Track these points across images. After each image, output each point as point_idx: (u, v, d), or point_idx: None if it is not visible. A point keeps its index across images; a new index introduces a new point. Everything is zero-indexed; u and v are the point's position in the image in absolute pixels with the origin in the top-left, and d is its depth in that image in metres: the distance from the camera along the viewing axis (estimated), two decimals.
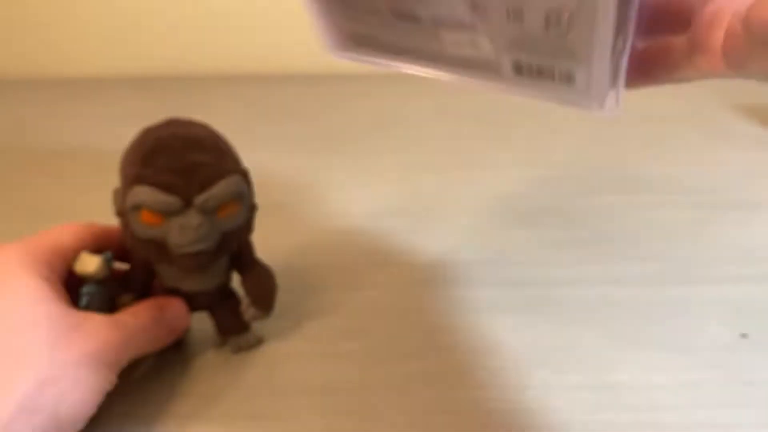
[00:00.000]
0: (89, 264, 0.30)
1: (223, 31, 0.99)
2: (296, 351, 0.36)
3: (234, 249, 0.32)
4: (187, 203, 0.29)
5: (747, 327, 0.36)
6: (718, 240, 0.46)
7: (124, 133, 0.67)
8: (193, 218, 0.29)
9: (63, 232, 0.31)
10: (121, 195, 0.30)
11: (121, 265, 0.34)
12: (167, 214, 0.29)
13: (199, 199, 0.29)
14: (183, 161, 0.29)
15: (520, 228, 0.49)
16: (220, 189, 0.29)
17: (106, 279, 0.31)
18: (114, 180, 0.63)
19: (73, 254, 0.31)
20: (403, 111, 0.79)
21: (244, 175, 0.31)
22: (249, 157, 0.68)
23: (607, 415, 0.30)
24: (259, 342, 0.36)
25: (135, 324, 0.30)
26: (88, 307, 0.30)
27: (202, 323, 0.35)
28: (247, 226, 0.32)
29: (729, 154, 0.62)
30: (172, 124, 0.31)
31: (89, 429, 0.28)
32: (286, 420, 0.31)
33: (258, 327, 0.36)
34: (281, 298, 0.36)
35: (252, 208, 0.32)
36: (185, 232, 0.29)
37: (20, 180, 0.61)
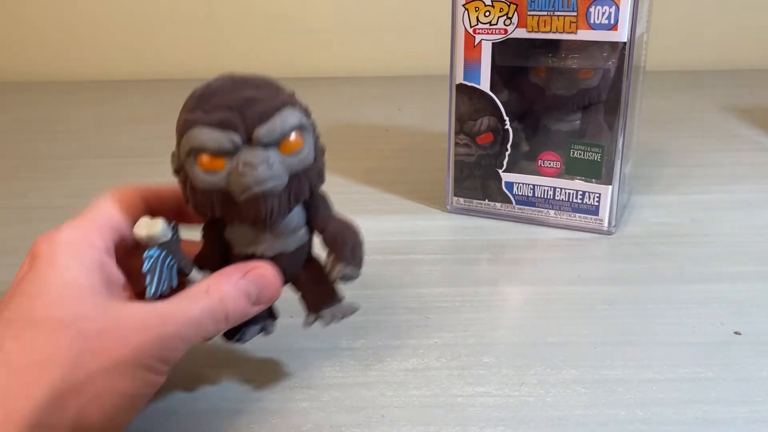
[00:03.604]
0: (149, 227, 0.27)
1: (223, 35, 0.99)
2: (298, 347, 0.36)
3: (306, 197, 0.29)
4: (247, 139, 0.26)
5: (741, 325, 0.37)
6: (713, 238, 0.47)
7: (127, 134, 0.68)
8: (255, 154, 0.26)
9: (112, 204, 0.29)
10: (176, 150, 0.28)
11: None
12: (227, 153, 0.26)
13: (259, 131, 0.26)
14: (237, 97, 0.27)
15: (517, 225, 0.49)
16: (279, 119, 0.27)
17: (172, 246, 0.28)
18: (116, 183, 0.63)
19: (131, 222, 0.29)
20: (402, 112, 0.80)
21: (305, 110, 0.29)
22: None
23: (602, 410, 0.31)
24: (354, 310, 0.32)
25: (193, 312, 0.26)
26: (151, 271, 0.27)
27: None
28: (316, 170, 0.29)
29: (723, 154, 0.63)
30: (224, 75, 0.28)
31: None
32: (288, 415, 0.31)
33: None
34: (284, 295, 0.36)
35: (320, 150, 0.29)
36: (248, 170, 0.26)
37: (24, 181, 0.61)
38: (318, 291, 0.32)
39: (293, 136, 0.27)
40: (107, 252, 0.27)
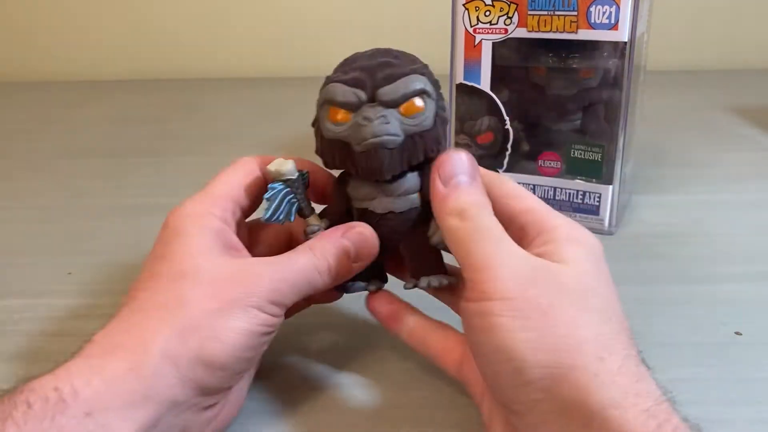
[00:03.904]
0: (279, 164, 0.31)
1: (223, 35, 0.99)
2: (300, 348, 0.36)
3: (419, 160, 0.30)
4: (371, 98, 0.29)
5: (741, 325, 0.37)
6: (713, 238, 0.47)
7: (126, 134, 0.68)
8: (375, 110, 0.29)
9: (232, 176, 0.32)
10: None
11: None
12: (352, 108, 0.29)
13: (382, 90, 0.29)
14: (373, 62, 0.30)
15: None
16: (403, 83, 0.29)
17: (296, 186, 0.31)
18: (116, 182, 0.63)
19: (253, 192, 0.32)
20: None
21: (434, 81, 0.31)
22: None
23: None
24: (450, 281, 0.32)
25: (299, 262, 0.29)
26: (271, 200, 0.30)
27: None
28: (433, 136, 0.30)
29: (724, 154, 0.63)
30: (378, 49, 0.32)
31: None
32: (288, 415, 0.31)
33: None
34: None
35: (442, 119, 0.31)
36: (366, 123, 0.29)
37: (24, 181, 0.61)
38: (420, 257, 0.32)
39: (415, 99, 0.29)
40: (224, 220, 0.30)
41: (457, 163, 0.28)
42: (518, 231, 0.28)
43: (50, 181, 0.60)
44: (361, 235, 0.31)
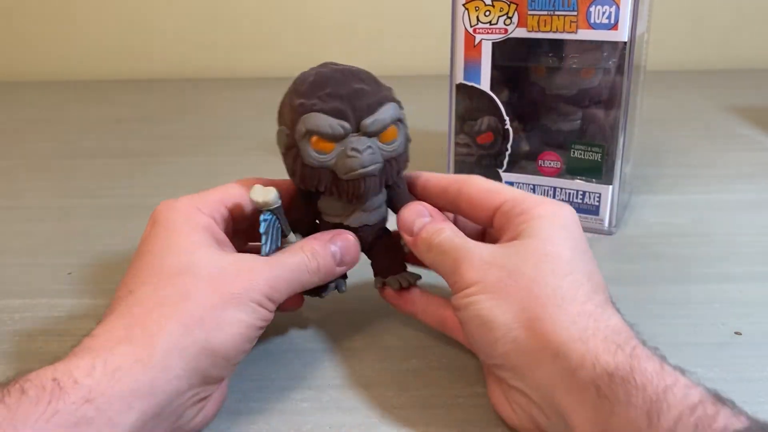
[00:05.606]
0: (265, 194, 0.32)
1: (223, 35, 0.99)
2: (300, 348, 0.36)
3: (394, 180, 0.33)
4: (356, 128, 0.31)
5: (741, 325, 0.37)
6: (713, 238, 0.47)
7: (127, 134, 0.67)
8: (361, 142, 0.31)
9: (230, 185, 0.34)
10: (288, 129, 0.32)
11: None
12: (336, 139, 0.30)
13: (366, 122, 0.30)
14: (347, 89, 0.31)
15: None
16: (385, 113, 0.31)
17: (279, 211, 0.32)
18: (116, 182, 0.63)
19: (240, 202, 0.34)
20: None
21: (400, 104, 0.33)
22: (249, 157, 0.68)
23: None
24: (416, 278, 0.36)
25: (292, 261, 0.31)
26: (266, 233, 0.32)
27: None
28: (405, 158, 0.33)
29: (724, 154, 0.63)
30: (327, 64, 0.33)
31: None
32: (288, 415, 0.31)
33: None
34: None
35: (409, 139, 0.33)
36: (356, 155, 0.30)
37: (24, 181, 0.61)
38: (388, 260, 0.36)
39: (392, 127, 0.32)
40: (214, 219, 0.32)
41: (409, 214, 0.34)
42: (503, 219, 0.32)
43: (50, 181, 0.60)
44: (347, 241, 0.33)
